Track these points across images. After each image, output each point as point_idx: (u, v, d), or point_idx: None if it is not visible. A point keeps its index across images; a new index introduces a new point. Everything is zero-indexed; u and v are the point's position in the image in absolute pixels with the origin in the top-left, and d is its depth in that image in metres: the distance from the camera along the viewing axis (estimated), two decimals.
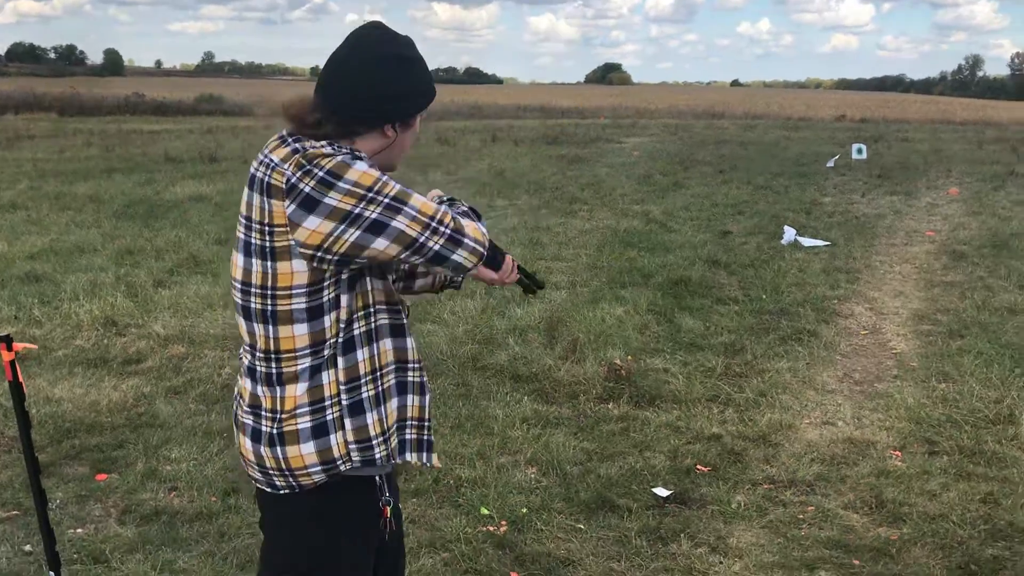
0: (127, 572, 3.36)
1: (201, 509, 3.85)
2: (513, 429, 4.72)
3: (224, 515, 3.81)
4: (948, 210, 11.98)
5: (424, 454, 2.05)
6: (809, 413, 5.08)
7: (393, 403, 1.97)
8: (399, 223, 1.78)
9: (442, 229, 1.83)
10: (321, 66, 1.97)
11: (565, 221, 10.82)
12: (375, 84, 1.87)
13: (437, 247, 1.84)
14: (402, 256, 1.82)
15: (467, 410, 4.94)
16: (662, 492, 4.08)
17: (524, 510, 3.87)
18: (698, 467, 4.36)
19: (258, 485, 1.99)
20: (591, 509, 3.93)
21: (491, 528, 3.73)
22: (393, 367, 1.97)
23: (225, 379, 5.39)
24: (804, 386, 5.49)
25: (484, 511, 3.86)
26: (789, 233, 9.80)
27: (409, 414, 2.01)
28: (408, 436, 2.02)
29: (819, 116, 36.78)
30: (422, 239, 1.81)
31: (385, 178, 1.80)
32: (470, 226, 1.90)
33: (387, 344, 1.95)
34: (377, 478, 2.00)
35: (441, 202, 2.02)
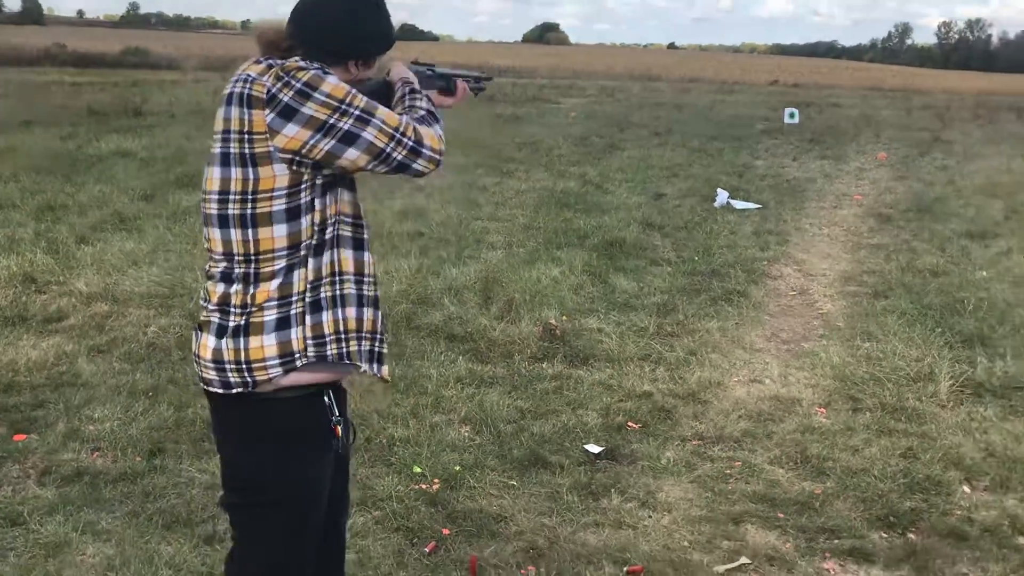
0: (47, 534, 3.27)
1: (125, 469, 3.76)
2: (447, 388, 4.71)
3: (149, 475, 3.73)
4: (876, 174, 12.25)
5: (375, 365, 2.15)
6: (737, 371, 5.17)
7: (350, 311, 2.08)
8: (368, 134, 1.94)
9: (406, 140, 1.99)
10: (253, 19, 2.11)
11: (501, 181, 10.77)
12: (351, 22, 2.06)
13: (400, 157, 2.00)
14: (369, 166, 1.98)
15: (400, 370, 4.91)
16: (594, 449, 4.12)
17: (457, 468, 3.87)
18: (629, 424, 4.41)
19: (210, 388, 2.04)
20: (524, 466, 3.95)
21: (424, 486, 3.73)
22: (352, 277, 2.09)
23: (151, 337, 5.26)
24: (733, 345, 5.58)
25: (417, 469, 3.85)
26: (722, 196, 9.91)
27: (364, 326, 2.11)
28: (363, 347, 2.12)
29: (753, 80, 37.18)
30: (388, 149, 1.97)
31: (354, 91, 1.96)
32: (428, 134, 2.04)
33: (347, 254, 2.07)
34: (326, 397, 2.07)
35: (405, 100, 2.17)
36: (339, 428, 2.10)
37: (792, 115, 16.36)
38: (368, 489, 3.67)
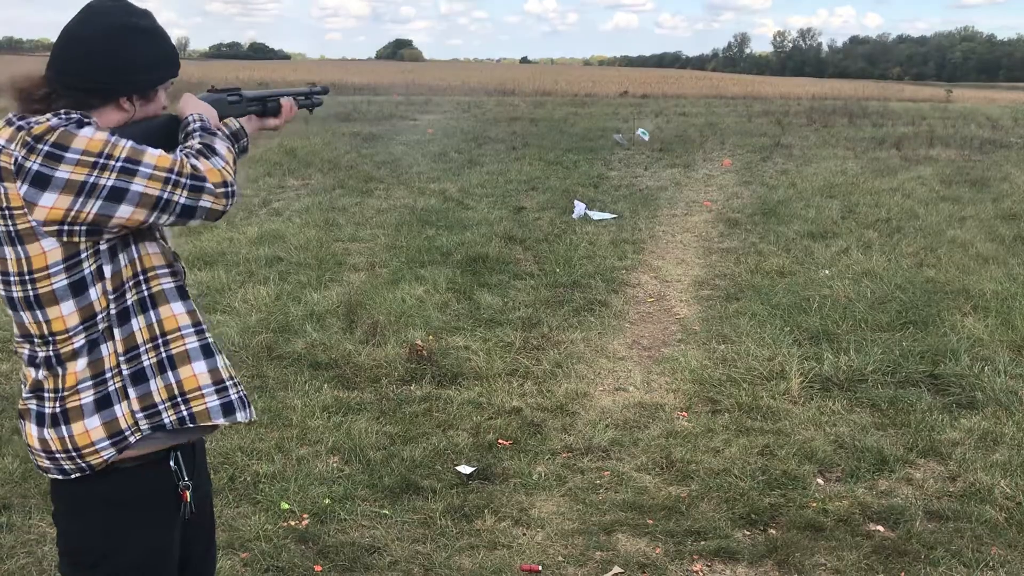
0: None
1: None
2: (313, 419, 4.61)
3: None
4: (723, 180, 12.77)
5: (248, 411, 2.02)
6: (602, 380, 5.28)
7: (195, 367, 1.93)
8: (138, 185, 1.75)
9: (183, 180, 1.80)
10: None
11: (361, 201, 10.66)
12: (107, 55, 1.84)
13: (183, 200, 1.80)
14: (151, 219, 1.79)
15: (264, 402, 4.77)
16: (465, 469, 4.12)
17: (327, 501, 3.79)
18: (500, 441, 4.44)
19: (49, 475, 1.92)
20: (395, 493, 3.90)
21: (292, 523, 3.63)
22: (191, 330, 1.94)
23: None
24: (597, 355, 5.70)
25: (284, 506, 3.75)
26: (579, 207, 10.12)
27: (225, 375, 1.98)
28: (232, 396, 1.98)
29: (604, 92, 38.15)
30: (165, 195, 1.78)
31: (114, 139, 1.76)
32: (206, 168, 1.84)
33: (176, 308, 1.92)
34: (172, 462, 1.95)
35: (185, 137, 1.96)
36: (187, 493, 1.98)
37: (644, 133, 16.96)
38: (234, 531, 3.54)
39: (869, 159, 14.46)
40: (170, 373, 1.90)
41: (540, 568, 3.37)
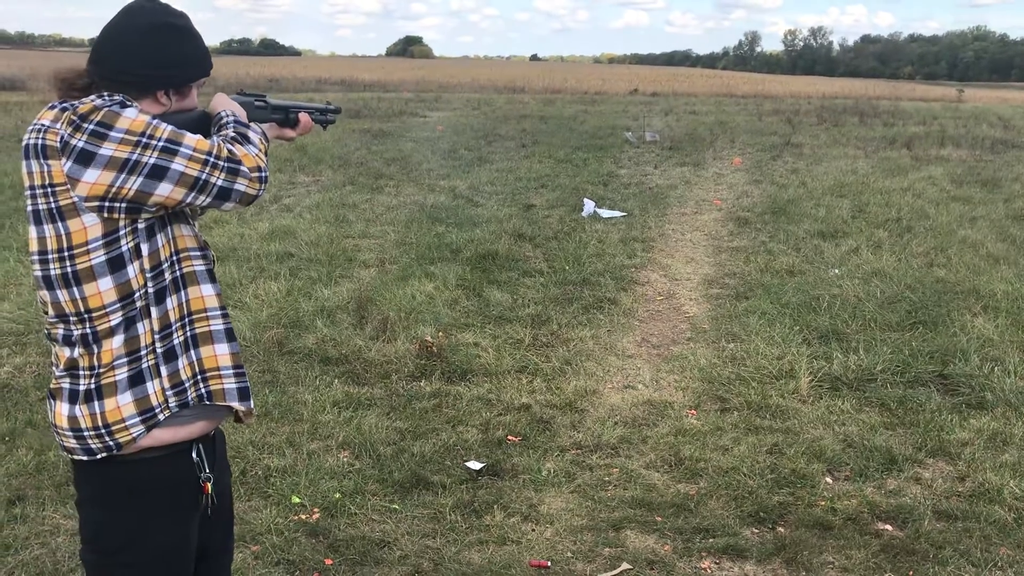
0: None
1: None
2: (324, 413, 4.64)
3: (9, 526, 3.53)
4: (733, 179, 12.76)
5: (248, 401, 2.07)
6: (611, 378, 5.30)
7: (209, 350, 1.99)
8: (178, 164, 1.82)
9: (220, 163, 1.87)
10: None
11: (371, 197, 10.69)
12: (147, 51, 1.92)
13: (219, 181, 1.88)
14: (188, 199, 1.85)
15: (274, 397, 4.80)
16: (475, 465, 4.14)
17: (337, 495, 3.82)
18: (509, 438, 4.45)
19: (73, 456, 1.95)
20: (405, 488, 3.93)
21: (303, 516, 3.66)
22: (218, 312, 2.01)
23: (5, 378, 4.98)
24: (606, 352, 5.71)
25: (295, 500, 3.77)
26: (589, 205, 10.13)
27: (232, 362, 2.04)
28: (238, 383, 2.04)
29: (614, 90, 38.12)
30: (203, 176, 1.85)
31: (155, 121, 1.83)
32: (242, 153, 1.93)
33: (205, 290, 1.99)
34: (194, 453, 2.00)
35: (218, 126, 2.04)
36: (208, 485, 2.03)
37: (653, 136, 16.98)
38: (245, 523, 3.57)
39: (880, 158, 14.42)
40: (193, 351, 1.97)
41: (549, 563, 3.39)
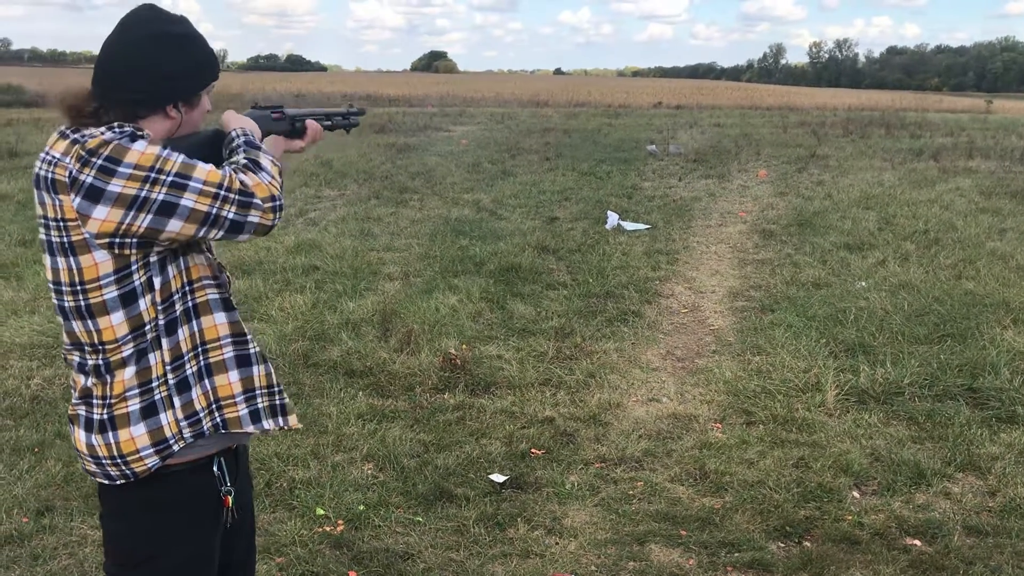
0: None
1: (11, 532, 3.59)
2: (348, 426, 4.65)
3: (37, 536, 3.57)
4: (758, 191, 12.70)
5: (280, 419, 2.07)
6: (636, 391, 5.28)
7: (230, 376, 1.98)
8: (188, 200, 1.77)
9: (231, 196, 1.81)
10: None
11: (396, 211, 10.74)
12: (148, 64, 1.87)
13: (232, 215, 1.82)
14: (200, 233, 1.81)
15: (300, 409, 4.83)
16: (498, 478, 4.13)
17: (361, 507, 3.83)
18: (533, 451, 4.45)
19: (95, 479, 1.97)
20: (429, 501, 3.93)
21: (328, 528, 3.67)
22: (229, 340, 1.99)
23: (34, 391, 5.04)
24: (630, 365, 5.69)
25: (320, 512, 3.78)
26: (612, 218, 10.12)
27: (257, 384, 2.03)
28: (260, 404, 2.04)
29: (638, 103, 38.11)
30: (215, 211, 1.80)
31: (165, 153, 1.78)
32: (254, 183, 1.86)
33: (219, 319, 1.97)
34: (215, 467, 1.99)
35: (231, 148, 1.98)
36: (229, 499, 2.02)
37: (677, 148, 16.99)
38: (270, 535, 3.59)
39: (907, 170, 14.30)
40: (207, 381, 1.95)
41: None
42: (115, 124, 1.82)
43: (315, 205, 11.17)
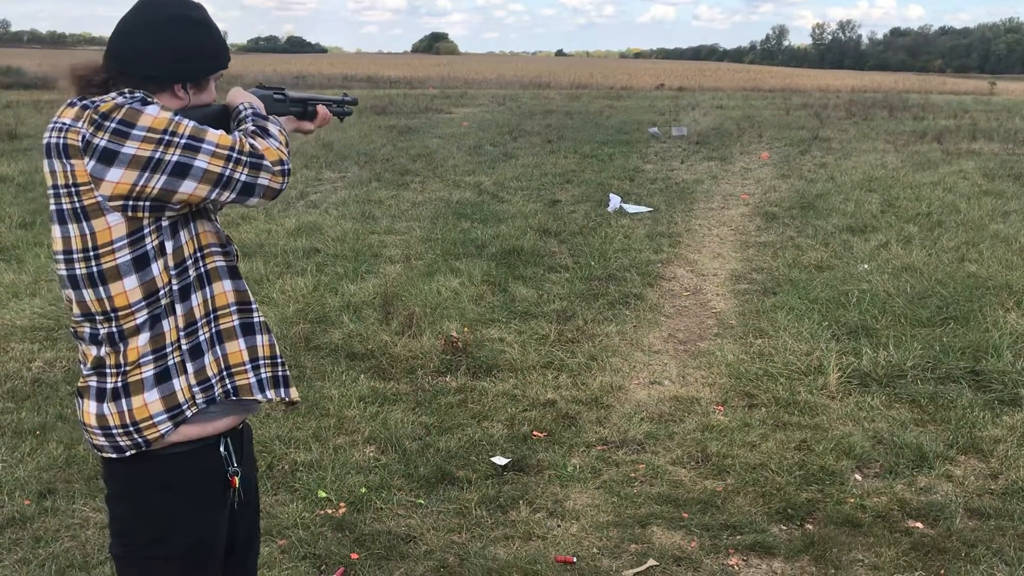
0: None
1: (13, 514, 3.59)
2: (350, 409, 4.65)
3: (39, 519, 3.57)
4: (760, 174, 12.65)
5: (282, 390, 2.09)
6: (637, 374, 5.27)
7: (239, 343, 2.00)
8: (201, 161, 1.81)
9: (243, 158, 1.85)
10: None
11: (397, 193, 10.71)
12: (162, 43, 1.91)
13: (243, 177, 1.86)
14: (213, 195, 1.84)
15: (301, 392, 4.82)
16: (500, 461, 4.13)
17: (363, 490, 3.83)
18: (535, 433, 4.44)
19: (103, 454, 1.96)
20: (431, 483, 3.93)
21: (329, 511, 3.67)
22: (235, 308, 2.00)
23: (35, 373, 5.04)
24: (632, 348, 5.68)
25: (322, 494, 3.79)
26: (614, 200, 10.09)
27: (260, 354, 2.04)
28: (264, 375, 2.05)
29: (640, 85, 37.95)
30: (227, 172, 1.83)
31: (178, 118, 1.82)
32: (264, 147, 1.90)
33: (226, 286, 1.99)
34: (222, 448, 2.00)
35: (238, 119, 2.02)
36: (236, 479, 2.03)
37: (681, 132, 16.88)
38: (272, 518, 3.59)
39: (909, 152, 14.24)
40: (218, 347, 1.97)
41: (575, 559, 3.38)
42: (125, 91, 1.85)
43: (316, 187, 11.14)
